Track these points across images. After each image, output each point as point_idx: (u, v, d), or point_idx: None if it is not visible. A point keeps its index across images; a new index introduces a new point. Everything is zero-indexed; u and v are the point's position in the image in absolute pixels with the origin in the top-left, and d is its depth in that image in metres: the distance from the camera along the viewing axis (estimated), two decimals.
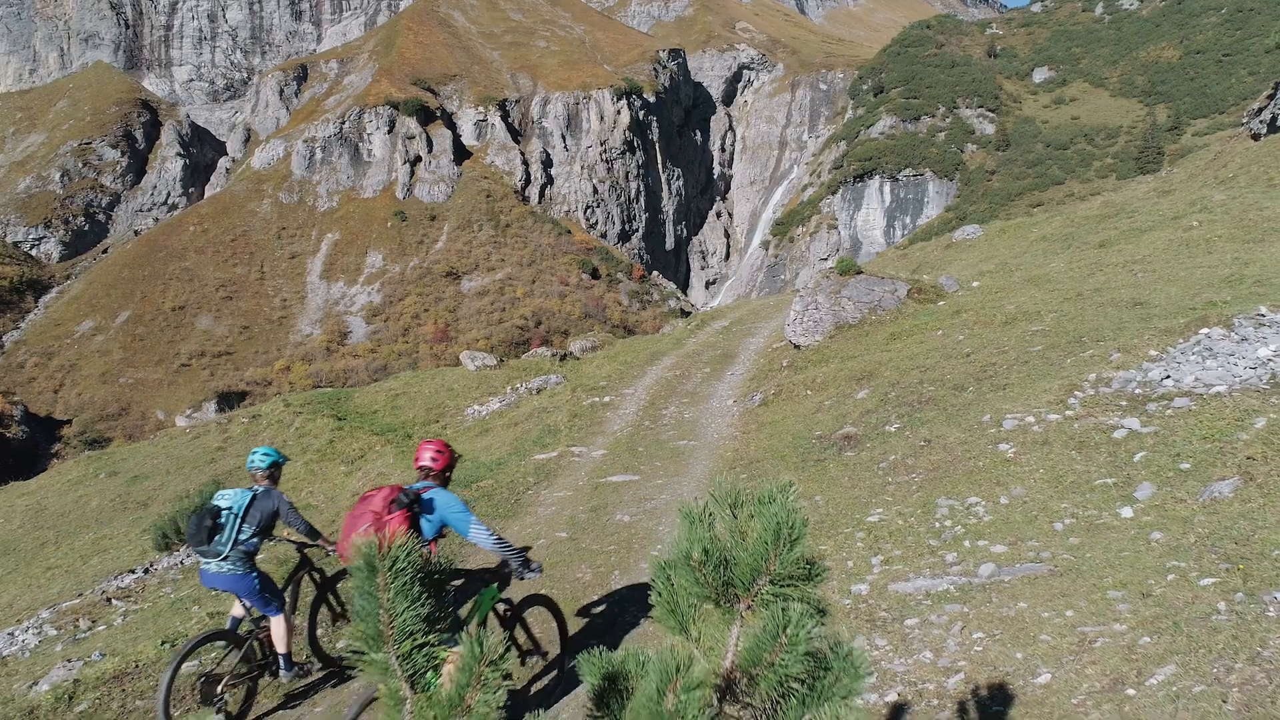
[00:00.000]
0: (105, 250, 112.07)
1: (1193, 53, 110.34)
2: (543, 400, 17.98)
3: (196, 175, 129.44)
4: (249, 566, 6.11)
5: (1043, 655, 4.98)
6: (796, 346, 16.52)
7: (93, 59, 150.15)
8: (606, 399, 16.61)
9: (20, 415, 74.95)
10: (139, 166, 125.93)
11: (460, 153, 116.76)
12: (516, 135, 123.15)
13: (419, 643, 1.32)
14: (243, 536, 6.05)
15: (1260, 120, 26.32)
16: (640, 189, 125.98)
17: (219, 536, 5.97)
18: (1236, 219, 16.31)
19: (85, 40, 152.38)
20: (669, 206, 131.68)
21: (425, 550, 1.48)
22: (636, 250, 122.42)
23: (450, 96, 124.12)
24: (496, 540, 5.28)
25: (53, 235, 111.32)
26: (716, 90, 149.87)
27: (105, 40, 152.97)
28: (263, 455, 6.43)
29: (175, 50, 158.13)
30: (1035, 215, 34.54)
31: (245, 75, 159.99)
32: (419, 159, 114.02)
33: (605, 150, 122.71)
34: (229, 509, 6.06)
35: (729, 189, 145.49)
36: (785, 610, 1.35)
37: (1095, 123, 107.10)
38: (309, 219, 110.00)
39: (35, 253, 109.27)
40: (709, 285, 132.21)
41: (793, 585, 1.39)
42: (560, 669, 6.04)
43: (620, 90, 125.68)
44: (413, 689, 1.32)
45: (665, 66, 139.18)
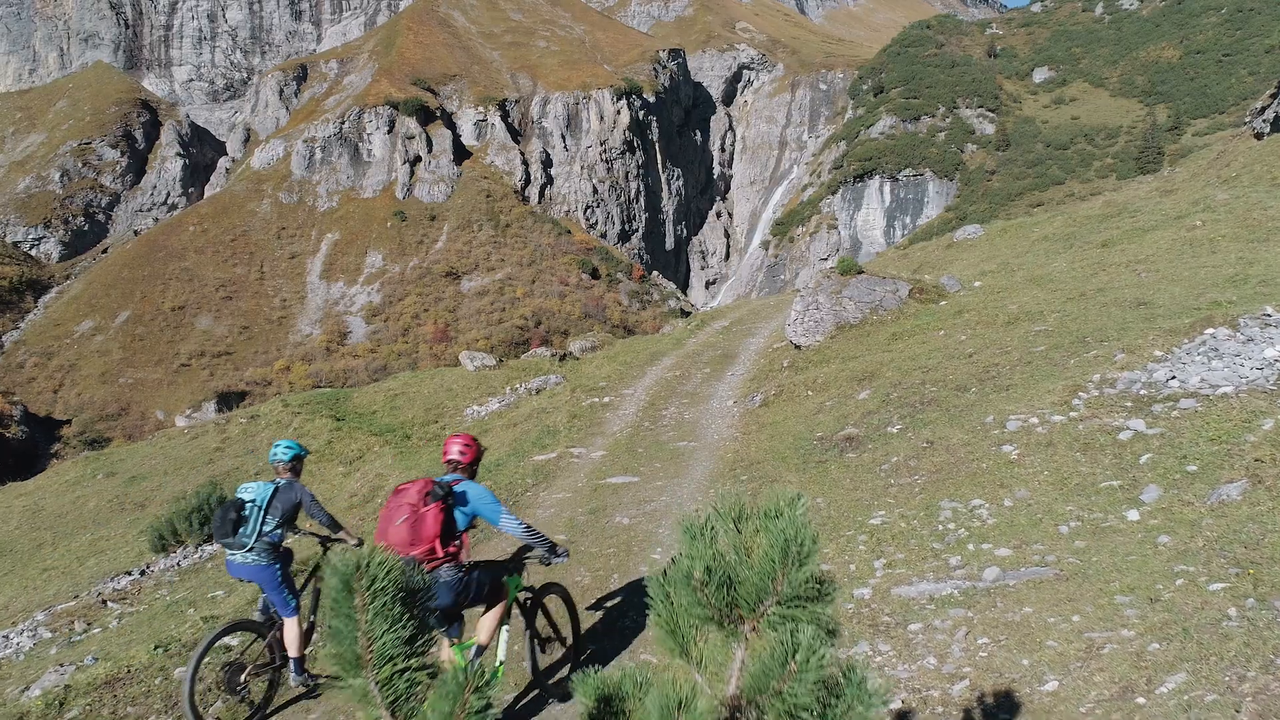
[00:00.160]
0: (105, 250, 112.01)
1: (1193, 53, 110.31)
2: (542, 401, 17.88)
3: (196, 175, 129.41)
4: (273, 558, 6.25)
5: (1049, 662, 4.88)
6: (797, 347, 16.43)
7: (92, 59, 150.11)
8: (606, 399, 16.51)
9: (20, 415, 74.90)
10: (139, 166, 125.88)
11: (460, 153, 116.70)
12: (516, 135, 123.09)
13: (400, 667, 1.23)
14: (266, 528, 6.19)
15: (1263, 119, 26.23)
16: (640, 189, 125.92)
17: (243, 528, 6.12)
18: (1240, 218, 16.21)
19: (85, 40, 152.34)
20: (669, 206, 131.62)
21: (406, 566, 1.39)
22: (636, 250, 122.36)
23: (450, 96, 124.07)
24: (526, 529, 5.42)
25: (52, 235, 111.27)
26: (716, 90, 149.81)
27: (105, 40, 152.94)
28: (285, 448, 6.55)
29: (175, 50, 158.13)
30: (1036, 215, 34.45)
31: (245, 75, 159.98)
32: (419, 159, 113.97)
33: (605, 150, 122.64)
34: (252, 501, 6.20)
35: (729, 189, 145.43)
36: (794, 634, 1.25)
37: (1095, 123, 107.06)
38: (309, 219, 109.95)
39: (35, 253, 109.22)
40: (709, 285, 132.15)
41: (802, 606, 1.30)
42: (574, 659, 6.14)
43: (620, 90, 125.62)
44: (394, 717, 1.23)
45: (665, 66, 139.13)
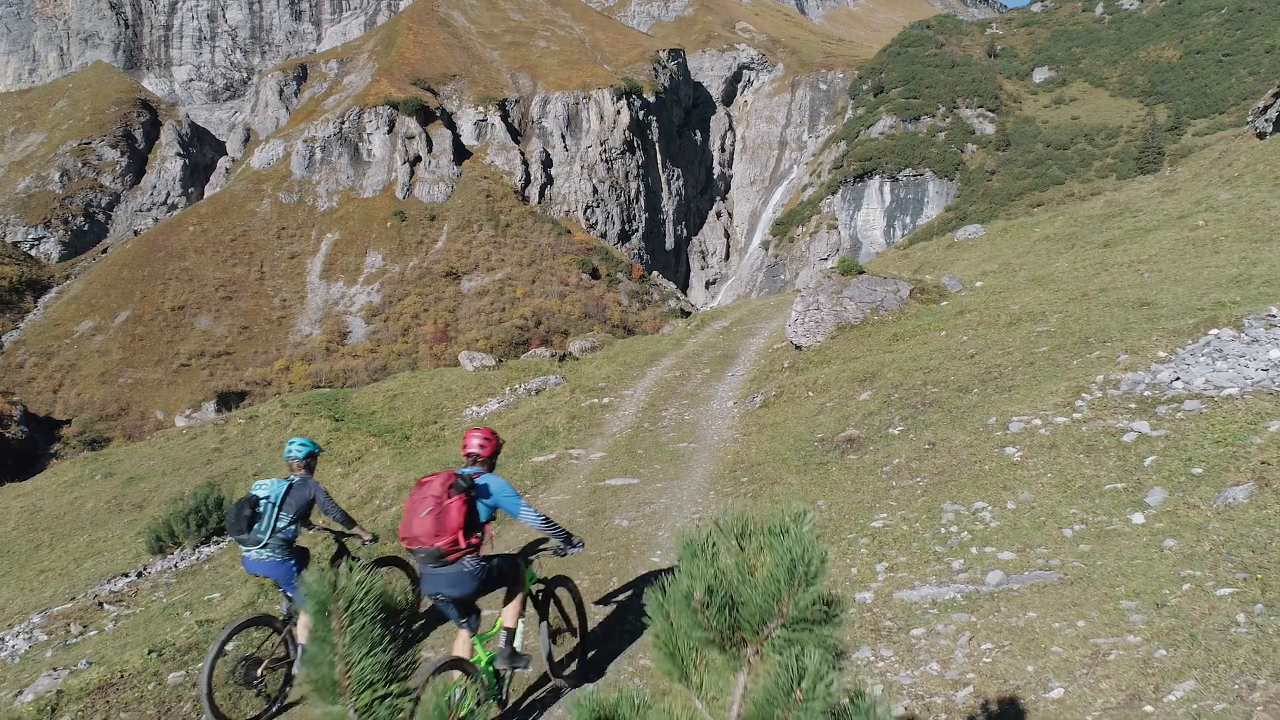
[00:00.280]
0: (105, 250, 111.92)
1: (1193, 53, 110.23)
2: (541, 401, 17.79)
3: (196, 175, 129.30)
4: (287, 554, 6.32)
5: (1054, 668, 4.81)
6: (798, 347, 16.35)
7: (92, 59, 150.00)
8: (605, 400, 16.43)
9: (20, 415, 74.82)
10: (138, 166, 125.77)
11: (460, 153, 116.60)
12: (516, 135, 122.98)
13: (380, 693, 1.15)
14: (280, 524, 6.26)
15: (1266, 119, 26.14)
16: (640, 189, 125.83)
17: (258, 525, 6.18)
18: (1243, 218, 16.13)
19: (85, 40, 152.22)
20: (669, 206, 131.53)
21: (385, 585, 1.31)
22: (636, 250, 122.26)
23: (450, 96, 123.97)
24: (544, 520, 5.56)
25: (52, 235, 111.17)
26: (716, 90, 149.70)
27: (105, 40, 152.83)
28: (300, 446, 6.64)
29: (175, 50, 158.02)
30: (1037, 215, 34.37)
31: (245, 75, 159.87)
32: (419, 159, 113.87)
33: (605, 150, 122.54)
34: (266, 498, 6.27)
35: (729, 189, 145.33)
36: (801, 659, 1.17)
37: (1095, 123, 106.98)
38: (309, 219, 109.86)
39: (35, 253, 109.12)
40: (709, 285, 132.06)
41: (808, 629, 1.22)
42: (581, 651, 6.25)
43: (620, 90, 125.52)
44: None
45: (665, 66, 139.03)
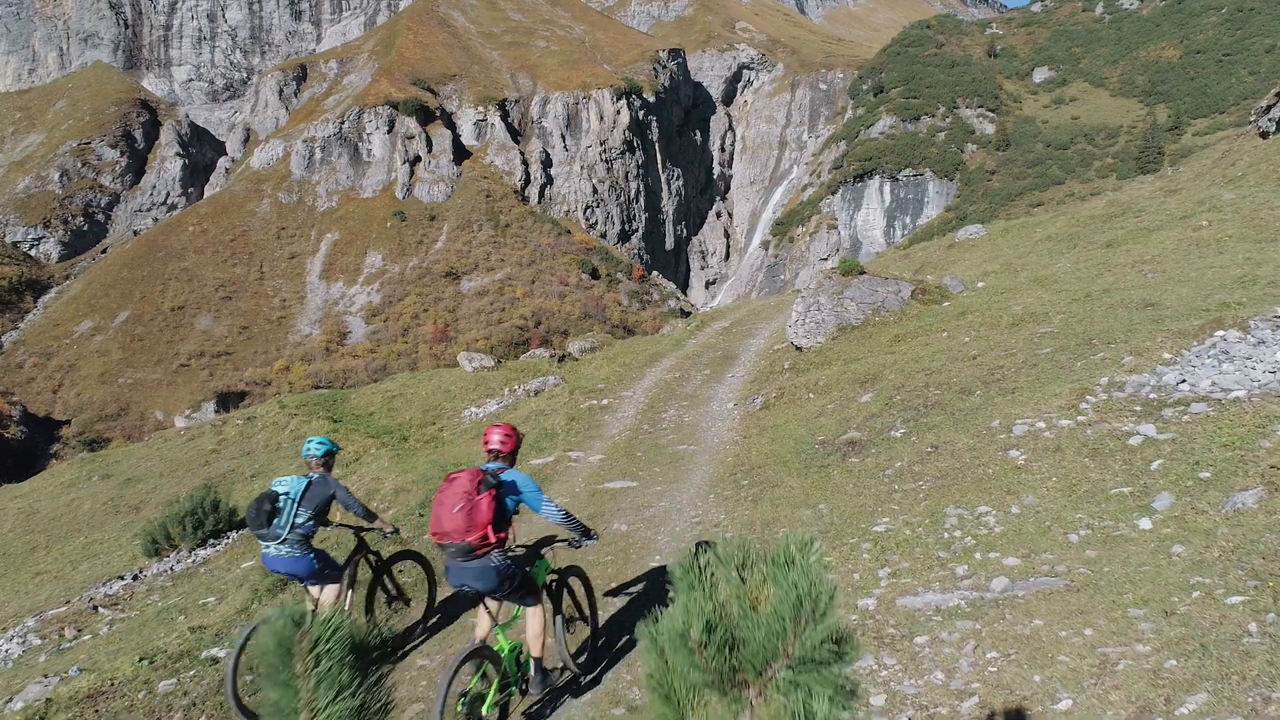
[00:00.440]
0: (104, 250, 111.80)
1: (1193, 52, 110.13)
2: (540, 402, 17.68)
3: (196, 175, 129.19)
4: (306, 549, 6.43)
5: (1062, 678, 4.71)
6: (798, 348, 16.24)
7: (92, 59, 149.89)
8: (605, 401, 16.32)
9: (19, 415, 74.72)
10: (138, 166, 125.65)
11: (460, 153, 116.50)
12: (516, 135, 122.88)
13: None
14: (299, 520, 6.36)
15: (1269, 118, 26.03)
16: (640, 189, 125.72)
17: (277, 520, 6.29)
18: (1247, 218, 16.02)
19: (84, 40, 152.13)
20: (669, 206, 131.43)
21: (355, 620, 1.21)
22: (636, 250, 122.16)
23: (450, 96, 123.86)
24: (565, 515, 5.71)
25: (52, 235, 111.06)
26: (716, 90, 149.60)
27: (104, 40, 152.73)
28: (318, 444, 6.77)
29: (175, 50, 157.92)
30: (1038, 215, 34.27)
31: (245, 75, 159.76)
32: (418, 159, 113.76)
33: (605, 150, 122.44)
34: (286, 494, 6.38)
35: (729, 189, 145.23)
36: (808, 703, 1.05)
37: (1095, 123, 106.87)
38: (308, 219, 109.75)
39: (34, 253, 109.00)
40: (709, 285, 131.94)
41: (816, 670, 1.11)
42: (592, 641, 6.39)
43: (620, 90, 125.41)
44: None
45: (665, 66, 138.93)
